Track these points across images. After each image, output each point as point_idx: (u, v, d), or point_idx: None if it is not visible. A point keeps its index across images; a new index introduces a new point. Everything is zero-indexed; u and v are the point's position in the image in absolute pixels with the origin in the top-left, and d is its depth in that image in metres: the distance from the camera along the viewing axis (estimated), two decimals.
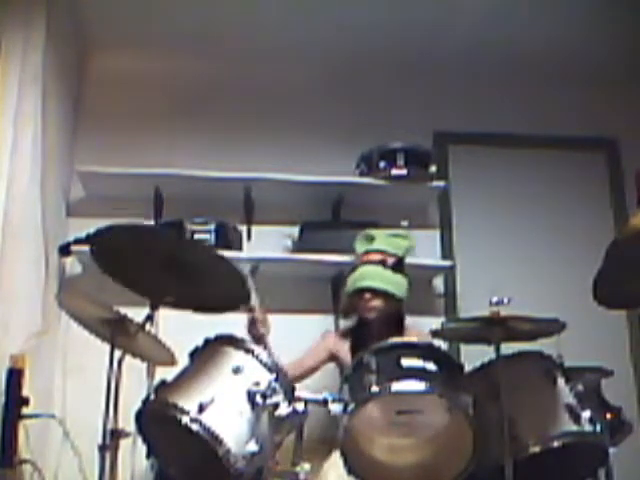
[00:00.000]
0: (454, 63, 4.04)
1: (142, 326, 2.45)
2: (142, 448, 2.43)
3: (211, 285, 2.59)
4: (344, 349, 3.08)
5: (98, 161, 3.63)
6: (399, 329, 3.06)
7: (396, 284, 3.03)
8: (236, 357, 2.36)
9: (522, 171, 4.07)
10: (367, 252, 3.11)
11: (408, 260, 3.22)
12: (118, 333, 2.45)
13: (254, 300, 2.80)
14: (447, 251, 3.91)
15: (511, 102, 4.12)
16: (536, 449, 2.28)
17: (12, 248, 2.94)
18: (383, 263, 3.05)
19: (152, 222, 3.68)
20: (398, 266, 3.07)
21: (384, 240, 3.14)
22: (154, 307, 2.53)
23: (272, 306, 3.65)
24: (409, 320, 3.14)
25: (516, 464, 2.20)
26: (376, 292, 3.01)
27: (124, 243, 2.49)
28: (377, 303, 3.02)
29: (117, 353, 2.46)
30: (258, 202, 3.78)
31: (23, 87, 3.11)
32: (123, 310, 2.49)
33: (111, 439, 2.38)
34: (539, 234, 3.96)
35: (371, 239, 3.15)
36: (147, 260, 2.47)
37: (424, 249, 3.72)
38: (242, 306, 2.80)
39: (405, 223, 3.62)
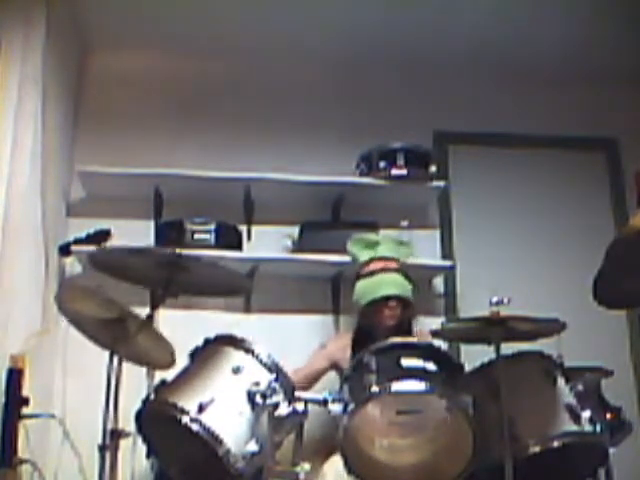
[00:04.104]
0: (454, 63, 4.04)
1: (143, 324, 2.44)
2: (142, 448, 2.43)
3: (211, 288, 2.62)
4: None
5: (98, 161, 3.63)
6: (408, 333, 3.08)
7: (410, 291, 3.09)
8: (236, 357, 2.36)
9: (522, 171, 4.06)
10: (378, 259, 3.11)
11: (408, 260, 3.29)
12: (118, 335, 2.45)
13: None
14: (447, 251, 3.91)
15: (511, 102, 4.12)
16: (536, 449, 2.28)
17: (12, 248, 2.94)
18: (398, 270, 3.08)
19: (152, 222, 3.68)
20: (406, 273, 3.12)
21: (389, 247, 3.17)
22: (154, 306, 2.53)
23: (272, 306, 3.68)
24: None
25: (516, 464, 2.20)
26: (399, 300, 3.04)
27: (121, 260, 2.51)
28: (399, 311, 3.05)
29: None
30: (258, 202, 3.78)
31: (23, 87, 3.11)
32: None
33: (111, 439, 2.38)
34: (539, 234, 3.96)
35: (374, 245, 3.16)
36: (146, 266, 2.49)
37: (424, 249, 3.72)
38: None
39: (405, 223, 3.63)
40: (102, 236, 3.47)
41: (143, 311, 2.49)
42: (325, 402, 2.29)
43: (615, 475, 2.50)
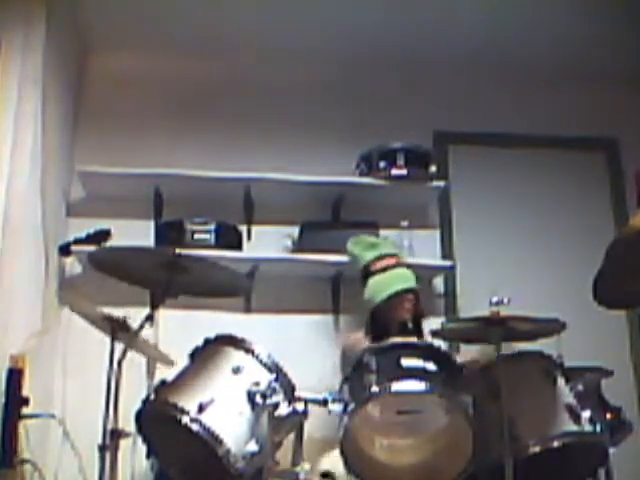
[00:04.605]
0: (454, 63, 4.04)
1: (140, 328, 2.44)
2: (142, 448, 2.43)
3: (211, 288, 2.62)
4: None
5: (98, 161, 3.63)
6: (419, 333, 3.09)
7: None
8: (236, 357, 2.37)
9: (522, 171, 4.06)
10: (384, 257, 3.13)
11: (408, 260, 3.34)
12: (119, 331, 2.46)
13: None
14: (447, 251, 3.91)
15: (511, 102, 4.12)
16: (536, 449, 2.28)
17: (12, 248, 2.94)
18: (407, 266, 3.12)
19: (152, 222, 3.68)
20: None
21: (389, 246, 3.22)
22: (155, 306, 2.53)
23: (272, 306, 3.68)
24: None
25: (516, 464, 2.20)
26: (414, 293, 3.07)
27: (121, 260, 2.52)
28: (414, 304, 3.08)
29: (117, 353, 2.47)
30: (258, 202, 3.77)
31: (23, 87, 3.11)
32: (123, 310, 2.49)
33: (111, 439, 2.38)
34: (539, 234, 3.96)
35: (375, 246, 3.17)
36: (146, 266, 2.49)
37: (424, 249, 3.72)
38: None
39: (405, 223, 3.64)
40: (102, 236, 3.47)
41: (144, 311, 2.49)
42: (325, 402, 2.30)
43: (615, 475, 2.50)
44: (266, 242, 3.72)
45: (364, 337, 3.12)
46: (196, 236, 3.50)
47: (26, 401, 2.72)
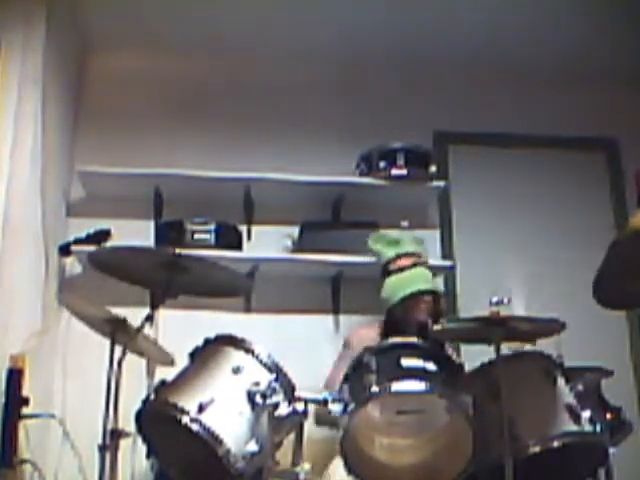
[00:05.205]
0: (454, 63, 4.04)
1: (141, 328, 2.44)
2: (142, 448, 2.43)
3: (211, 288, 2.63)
4: None
5: (98, 161, 3.63)
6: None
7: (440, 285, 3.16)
8: (236, 357, 2.36)
9: (522, 171, 4.07)
10: (404, 255, 3.12)
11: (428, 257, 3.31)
12: (119, 332, 2.46)
13: None
14: (447, 251, 3.91)
15: (511, 102, 4.12)
16: (536, 449, 2.27)
17: (12, 248, 2.94)
18: (427, 266, 3.12)
19: (152, 222, 3.68)
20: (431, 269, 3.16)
21: (412, 243, 3.18)
22: (155, 306, 2.53)
23: (272, 306, 3.68)
24: None
25: (516, 464, 2.19)
26: (433, 294, 3.06)
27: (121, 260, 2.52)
28: (432, 305, 3.07)
29: (117, 353, 2.47)
30: (258, 202, 3.78)
31: (23, 87, 3.11)
32: (123, 310, 2.49)
33: (111, 439, 2.38)
34: (539, 234, 3.96)
35: (395, 243, 3.17)
36: (146, 266, 2.49)
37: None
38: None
39: (405, 223, 3.62)
40: (102, 236, 3.48)
41: (143, 311, 2.49)
42: (325, 402, 2.29)
43: (615, 475, 2.50)
44: (266, 242, 3.72)
45: (376, 334, 3.10)
46: (196, 236, 3.50)
47: (26, 401, 2.72)
